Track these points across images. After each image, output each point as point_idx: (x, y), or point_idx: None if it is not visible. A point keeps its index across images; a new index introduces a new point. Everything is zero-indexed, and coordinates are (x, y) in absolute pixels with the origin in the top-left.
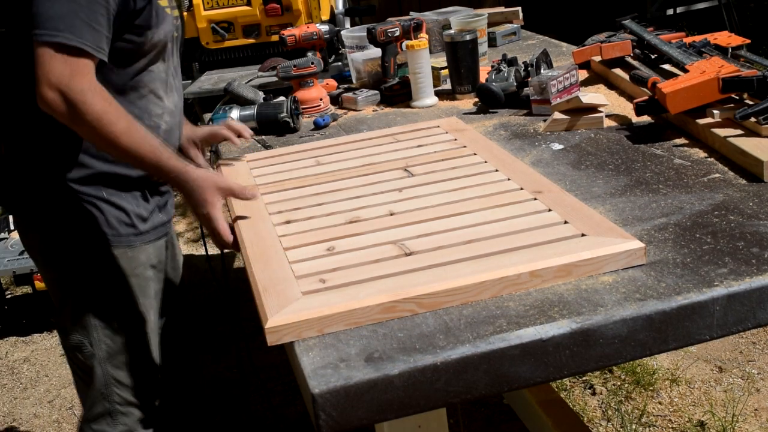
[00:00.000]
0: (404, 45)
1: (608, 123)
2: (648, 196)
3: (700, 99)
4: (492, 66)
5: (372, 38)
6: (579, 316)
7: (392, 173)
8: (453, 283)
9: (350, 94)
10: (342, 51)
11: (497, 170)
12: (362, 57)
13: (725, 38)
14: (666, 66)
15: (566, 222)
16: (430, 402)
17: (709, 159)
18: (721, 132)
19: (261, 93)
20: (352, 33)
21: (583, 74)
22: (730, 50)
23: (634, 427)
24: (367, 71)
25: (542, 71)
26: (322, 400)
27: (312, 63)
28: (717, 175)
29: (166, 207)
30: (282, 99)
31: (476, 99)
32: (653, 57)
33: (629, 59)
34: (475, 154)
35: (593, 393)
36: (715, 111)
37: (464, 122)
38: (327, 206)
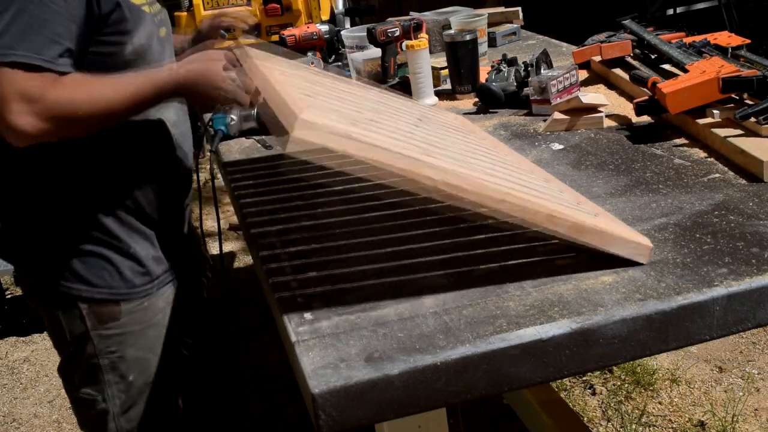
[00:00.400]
0: (404, 45)
1: (608, 123)
2: (648, 196)
3: (700, 99)
4: (492, 66)
5: (372, 38)
6: (579, 316)
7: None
8: (475, 183)
9: None
10: (342, 51)
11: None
12: (362, 57)
13: (725, 38)
14: (666, 66)
15: (579, 203)
16: (430, 402)
17: (709, 159)
18: (721, 132)
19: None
20: (352, 33)
21: (583, 74)
22: (730, 50)
23: (634, 427)
24: (367, 71)
25: (542, 71)
26: (322, 400)
27: (312, 63)
28: (717, 175)
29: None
30: None
31: (476, 99)
32: (653, 57)
33: (629, 59)
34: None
35: (593, 393)
36: (715, 111)
37: None
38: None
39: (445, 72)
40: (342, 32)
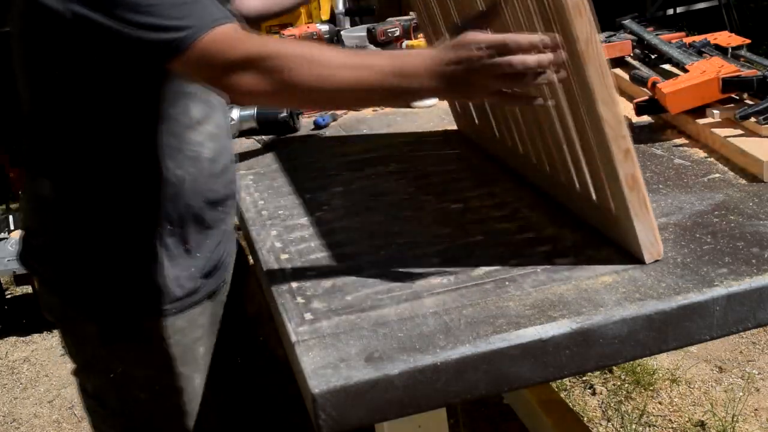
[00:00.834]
0: (404, 45)
1: None
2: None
3: (700, 99)
4: None
5: (372, 38)
6: (579, 316)
7: None
8: None
9: None
10: None
11: None
12: None
13: (725, 38)
14: (666, 66)
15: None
16: (430, 402)
17: (709, 159)
18: (721, 132)
19: None
20: (352, 33)
21: None
22: (730, 50)
23: (634, 427)
24: None
25: None
26: (322, 400)
27: None
28: (717, 175)
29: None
30: None
31: None
32: (653, 57)
33: (629, 59)
34: None
35: (593, 393)
36: (715, 111)
37: None
38: None
39: None
40: (342, 32)
